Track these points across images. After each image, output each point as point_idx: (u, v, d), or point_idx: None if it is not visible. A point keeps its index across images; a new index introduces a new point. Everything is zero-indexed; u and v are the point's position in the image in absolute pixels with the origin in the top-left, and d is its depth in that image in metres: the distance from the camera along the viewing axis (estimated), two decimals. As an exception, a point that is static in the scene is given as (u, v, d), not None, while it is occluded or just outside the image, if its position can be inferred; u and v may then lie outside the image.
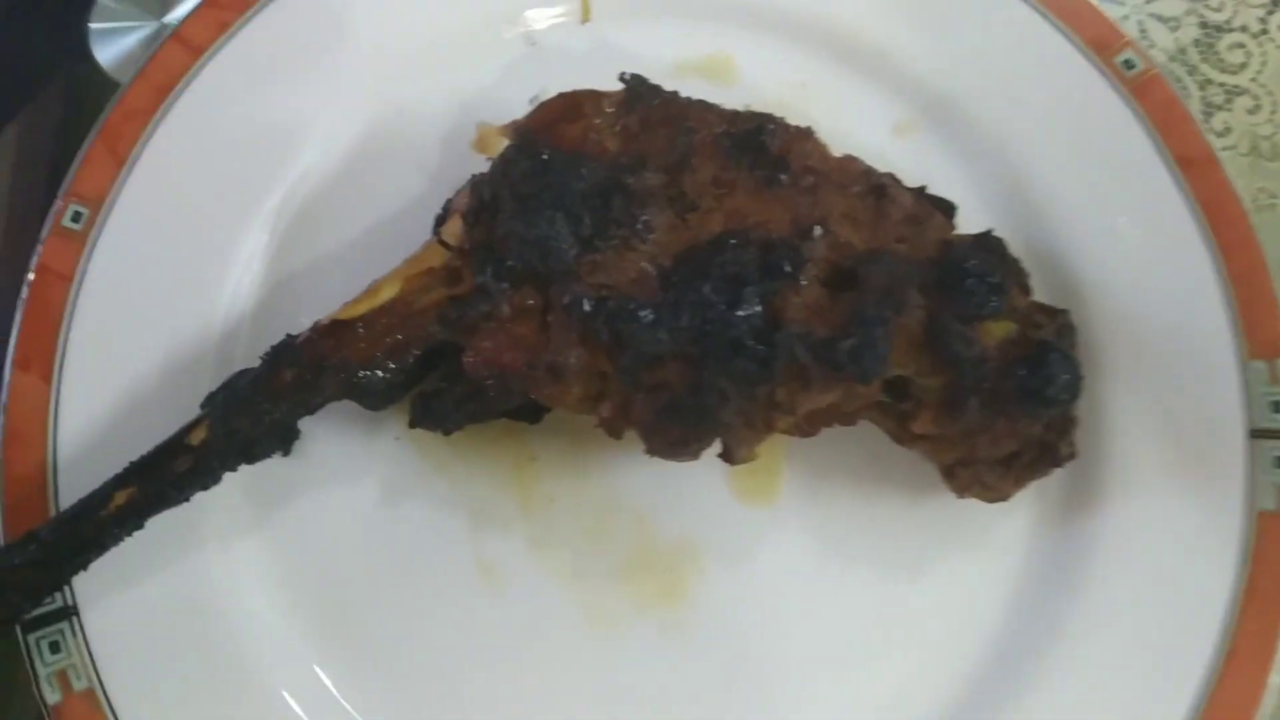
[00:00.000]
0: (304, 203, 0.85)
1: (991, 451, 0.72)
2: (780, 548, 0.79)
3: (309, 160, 0.85)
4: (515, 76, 0.87)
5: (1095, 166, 0.81)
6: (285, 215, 0.85)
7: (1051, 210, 0.82)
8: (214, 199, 0.83)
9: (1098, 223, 0.81)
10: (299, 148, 0.85)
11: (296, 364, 0.73)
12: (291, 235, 0.85)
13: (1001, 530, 0.79)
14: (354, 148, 0.87)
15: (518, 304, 0.71)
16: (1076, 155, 0.82)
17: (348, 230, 0.85)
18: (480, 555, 0.79)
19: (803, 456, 0.81)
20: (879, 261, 0.70)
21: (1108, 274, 0.80)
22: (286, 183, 0.85)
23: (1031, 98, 0.83)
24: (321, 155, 0.86)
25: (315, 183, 0.86)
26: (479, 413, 0.77)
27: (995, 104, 0.84)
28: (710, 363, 0.68)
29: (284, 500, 0.80)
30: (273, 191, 0.84)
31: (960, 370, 0.68)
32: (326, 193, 0.86)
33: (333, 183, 0.86)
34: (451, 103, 0.88)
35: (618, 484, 0.81)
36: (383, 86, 0.87)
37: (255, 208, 0.84)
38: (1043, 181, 0.83)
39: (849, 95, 0.87)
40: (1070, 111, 0.82)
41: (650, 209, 0.72)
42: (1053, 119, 0.83)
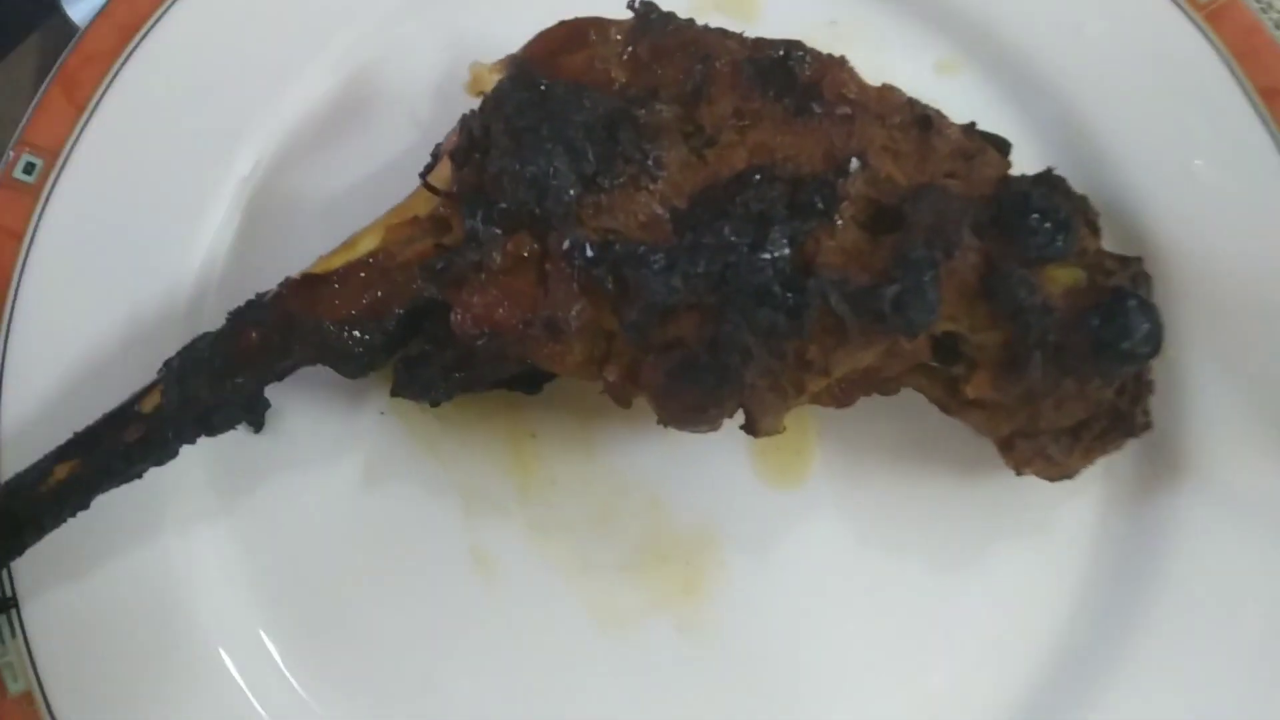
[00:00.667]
0: (282, 155, 0.77)
1: (1057, 420, 0.63)
2: (811, 536, 0.70)
3: (288, 109, 0.78)
4: (516, 15, 0.78)
5: (1166, 103, 0.72)
6: (261, 168, 0.77)
7: (1117, 154, 0.73)
8: (182, 150, 0.75)
9: (1171, 166, 0.71)
10: (277, 95, 0.77)
11: (263, 324, 0.65)
12: (268, 190, 0.77)
13: (1066, 514, 0.69)
14: (339, 95, 0.79)
15: (512, 253, 0.62)
16: (1144, 91, 0.73)
17: (330, 185, 0.77)
18: (474, 543, 0.70)
19: (836, 431, 0.71)
20: (926, 197, 0.61)
21: (1183, 224, 0.70)
22: (262, 133, 0.77)
23: (1091, 28, 0.74)
24: (302, 103, 0.78)
25: (295, 133, 0.78)
26: (469, 381, 0.69)
27: (1049, 37, 0.75)
28: (731, 314, 0.58)
29: (253, 482, 0.71)
30: (247, 143, 0.77)
31: (1022, 321, 0.59)
32: (308, 144, 0.78)
33: (315, 133, 0.78)
34: (445, 45, 0.80)
35: (627, 464, 0.72)
36: (370, 28, 0.80)
37: (228, 160, 0.76)
38: (1106, 122, 0.73)
39: (884, 32, 0.78)
40: (1135, 42, 0.73)
41: (662, 144, 0.63)
42: (1116, 52, 0.74)
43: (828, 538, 0.70)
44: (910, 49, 0.78)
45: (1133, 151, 0.72)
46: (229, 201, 0.76)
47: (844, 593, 0.69)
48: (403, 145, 0.77)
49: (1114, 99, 0.73)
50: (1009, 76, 0.76)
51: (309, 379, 0.72)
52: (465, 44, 0.79)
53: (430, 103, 0.79)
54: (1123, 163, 0.73)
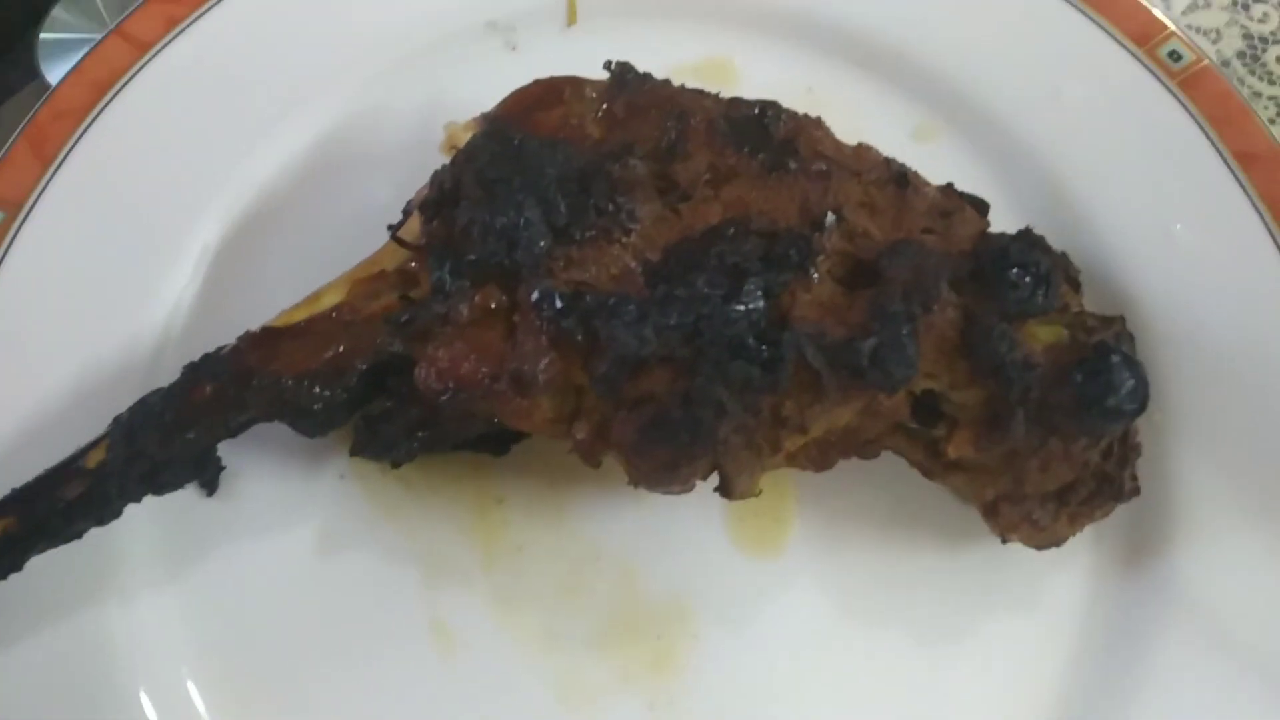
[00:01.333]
0: (250, 214, 0.76)
1: (1042, 483, 0.61)
2: (790, 607, 0.66)
3: (259, 167, 0.77)
4: (494, 82, 0.78)
5: (1144, 168, 0.72)
6: (229, 226, 0.75)
7: (1097, 218, 0.72)
8: (147, 207, 0.73)
9: (1150, 230, 0.71)
10: (247, 153, 0.76)
11: (218, 377, 0.62)
12: (234, 249, 0.75)
13: (1055, 585, 0.66)
14: (312, 155, 0.78)
15: (480, 305, 0.61)
16: (1122, 157, 0.72)
17: (299, 245, 0.76)
18: (434, 615, 0.66)
19: (815, 498, 0.69)
20: (903, 252, 0.59)
21: (1164, 287, 0.69)
22: (231, 192, 0.76)
23: (1068, 93, 0.75)
24: (273, 162, 0.77)
25: (265, 192, 0.77)
26: (433, 441, 0.66)
27: (1027, 103, 0.75)
28: (704, 367, 0.56)
29: (203, 548, 0.67)
30: (215, 201, 0.75)
31: (1003, 377, 0.57)
32: (277, 203, 0.77)
33: (285, 193, 0.77)
34: (423, 110, 0.79)
35: (598, 531, 0.68)
36: (348, 90, 0.79)
37: (194, 219, 0.75)
38: (1085, 187, 0.73)
39: (861, 98, 0.78)
40: (1112, 109, 0.74)
41: (635, 197, 0.62)
42: (1092, 118, 0.74)
43: (807, 610, 0.66)
44: (887, 115, 0.78)
45: (1112, 216, 0.72)
46: (193, 259, 0.74)
47: (825, 668, 0.65)
48: (375, 205, 0.75)
49: (1092, 164, 0.73)
50: (987, 142, 0.76)
51: (267, 439, 0.70)
52: (439, 105, 0.79)
53: (404, 163, 0.77)
54: (1102, 227, 0.72)
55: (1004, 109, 0.75)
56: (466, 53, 0.81)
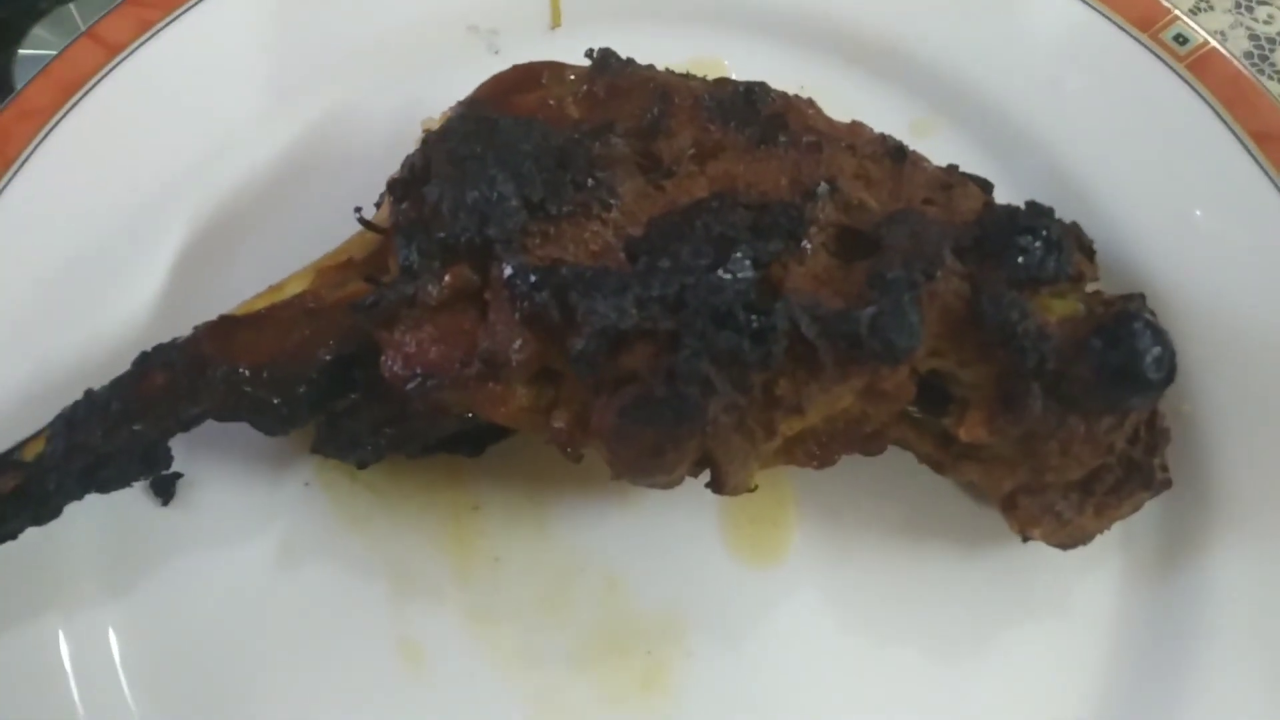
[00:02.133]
0: (222, 216, 0.73)
1: (1064, 470, 0.55)
2: (792, 620, 0.61)
3: (232, 170, 0.74)
4: (475, 85, 0.76)
5: (1156, 154, 0.68)
6: (198, 228, 0.72)
7: (1109, 207, 0.68)
8: (113, 208, 0.70)
9: (1168, 217, 0.67)
10: (219, 156, 0.73)
11: (171, 366, 0.58)
12: (206, 250, 0.71)
13: (1083, 591, 0.61)
14: (288, 158, 0.75)
15: (450, 286, 0.57)
16: (1131, 144, 0.69)
17: (273, 247, 0.71)
18: (403, 632, 0.61)
19: (818, 501, 0.64)
20: (902, 221, 0.56)
21: (1186, 274, 0.65)
22: (203, 192, 0.72)
23: (1070, 85, 0.71)
24: (247, 165, 0.74)
25: (238, 194, 0.73)
26: (401, 440, 0.61)
27: (1027, 94, 0.72)
28: (689, 339, 0.52)
29: (156, 560, 0.62)
30: (184, 201, 0.72)
31: (1016, 348, 0.52)
32: (251, 206, 0.73)
33: (259, 195, 0.74)
34: (402, 113, 0.76)
35: (582, 540, 0.63)
36: (326, 94, 0.77)
37: (162, 219, 0.71)
38: (1095, 177, 0.69)
39: (857, 94, 0.75)
40: (1118, 97, 0.70)
41: (616, 174, 0.58)
42: (1098, 106, 0.71)
43: (811, 623, 0.61)
44: (884, 110, 0.74)
45: (1125, 204, 0.68)
46: (159, 261, 0.70)
47: (831, 686, 0.59)
48: (351, 206, 0.72)
49: (1101, 153, 0.70)
50: (988, 134, 0.73)
51: (227, 446, 0.65)
52: (419, 108, 0.75)
53: (382, 165, 0.73)
54: (1116, 215, 0.68)
55: (1004, 100, 0.72)
56: (448, 56, 0.78)
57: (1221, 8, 0.86)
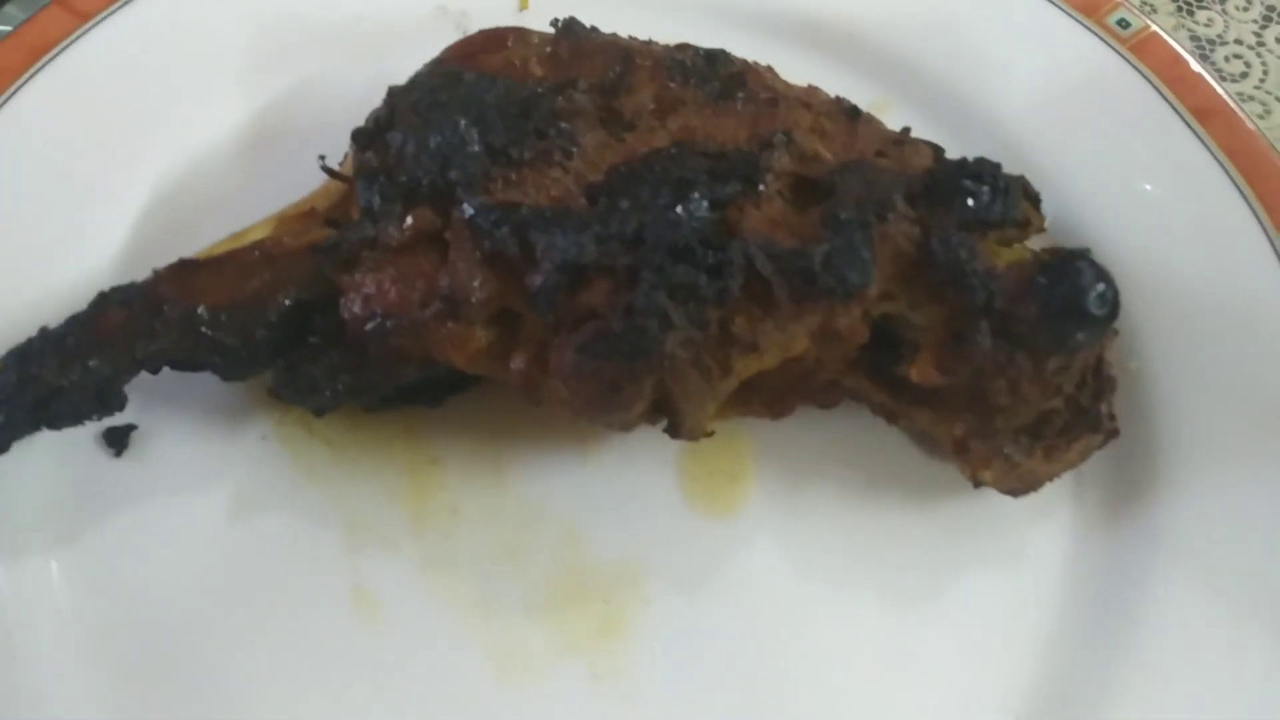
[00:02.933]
0: (186, 184, 0.73)
1: (1012, 412, 0.56)
2: (749, 569, 0.61)
3: (197, 140, 0.74)
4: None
5: (1103, 133, 0.71)
6: (161, 195, 0.72)
7: (1060, 183, 0.70)
8: (74, 173, 0.70)
9: (1117, 191, 0.69)
10: (186, 126, 0.74)
11: (129, 304, 0.58)
12: (168, 218, 0.71)
13: (1035, 539, 0.61)
14: (254, 126, 0.75)
15: (411, 229, 0.57)
16: (1080, 122, 0.71)
17: (236, 215, 0.72)
18: (357, 580, 0.60)
19: (775, 454, 0.64)
20: (855, 170, 0.57)
21: (1133, 240, 0.67)
22: (167, 161, 0.73)
23: (1019, 66, 0.74)
24: (212, 135, 0.74)
25: (202, 164, 0.74)
26: (360, 386, 0.61)
27: (978, 75, 0.74)
28: (647, 274, 0.53)
29: (106, 510, 0.61)
30: (147, 170, 0.72)
31: (965, 286, 0.54)
32: (215, 175, 0.73)
33: (224, 165, 0.74)
34: (370, 89, 0.77)
35: (541, 492, 0.63)
36: (294, 69, 0.78)
37: (125, 185, 0.71)
38: (1044, 152, 0.72)
39: (813, 76, 0.76)
40: (1065, 77, 0.73)
41: (578, 126, 0.60)
42: (1047, 86, 0.73)
43: (768, 571, 0.61)
44: (841, 91, 0.76)
45: (1075, 179, 0.70)
46: (123, 221, 0.70)
47: (788, 633, 0.59)
48: (313, 172, 0.73)
49: (1050, 131, 0.72)
50: (941, 114, 0.75)
51: (185, 399, 0.65)
52: (386, 83, 0.77)
53: (345, 134, 0.75)
54: (1067, 190, 0.70)
55: (955, 81, 0.75)
56: (416, 35, 0.79)
57: (1164, 10, 0.90)
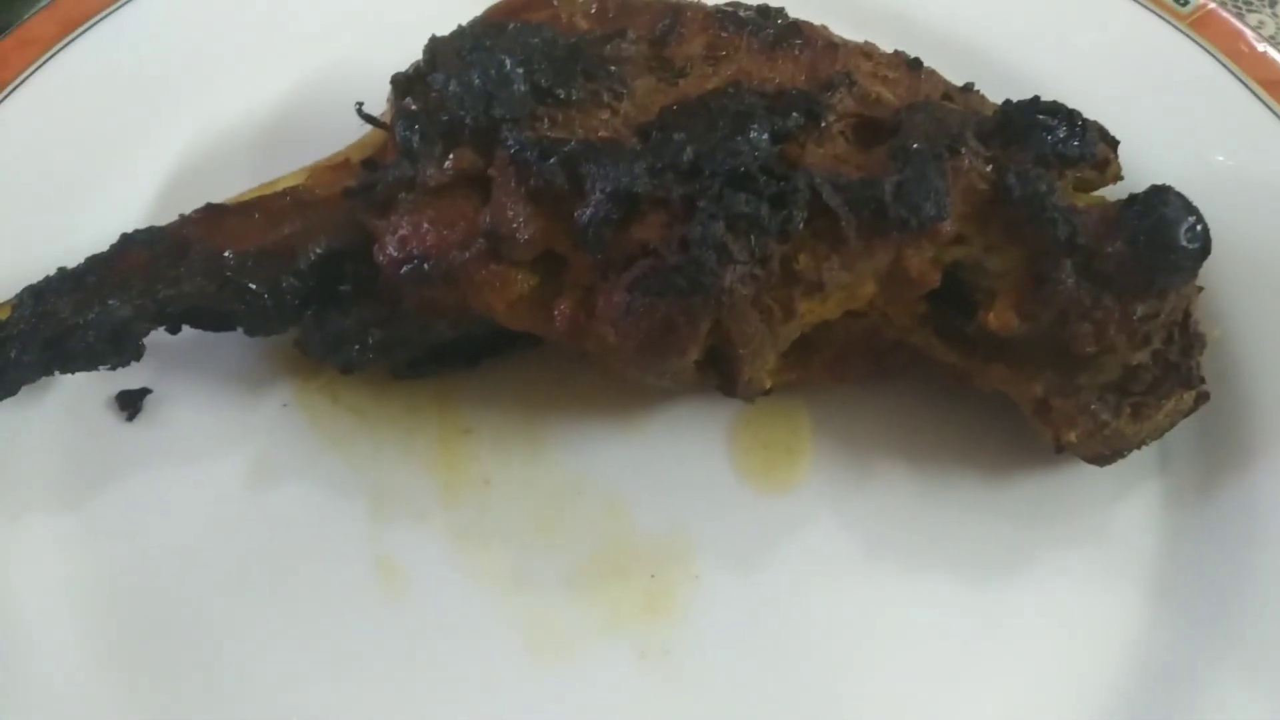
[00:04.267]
0: (215, 156, 0.70)
1: (1098, 366, 0.52)
2: (807, 546, 0.56)
3: (229, 112, 0.72)
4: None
5: (1171, 107, 0.68)
6: (187, 165, 0.69)
7: (1131, 160, 0.64)
8: (98, 143, 0.68)
9: (1190, 164, 0.65)
10: (217, 100, 0.72)
11: (153, 245, 0.55)
12: (194, 189, 0.68)
13: (1119, 515, 0.56)
14: (284, 100, 0.73)
15: (454, 169, 0.54)
16: (1145, 99, 0.68)
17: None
18: (382, 551, 0.56)
19: (835, 424, 0.60)
20: (922, 109, 0.54)
21: (1211, 212, 0.63)
22: (193, 132, 0.70)
23: (1078, 41, 0.71)
24: (244, 107, 0.72)
25: (232, 136, 0.71)
26: (391, 344, 0.57)
27: (1038, 51, 0.72)
28: (704, 203, 0.49)
29: (115, 476, 0.58)
30: (173, 140, 0.70)
31: (1047, 221, 0.50)
32: (246, 146, 0.71)
33: (255, 136, 0.72)
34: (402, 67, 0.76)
35: (581, 463, 0.59)
36: (324, 47, 0.75)
37: (149, 155, 0.69)
38: (1110, 127, 0.68)
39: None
40: (1127, 55, 0.70)
41: (627, 69, 0.57)
42: (1109, 65, 0.70)
43: (827, 549, 0.56)
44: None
45: (1144, 154, 0.66)
46: (149, 189, 0.68)
47: (850, 615, 0.54)
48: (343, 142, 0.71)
49: (1116, 104, 0.67)
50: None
51: (203, 361, 0.61)
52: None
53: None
54: (1137, 169, 0.66)
55: (1015, 63, 0.72)
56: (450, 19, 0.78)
57: (1214, 14, 0.88)
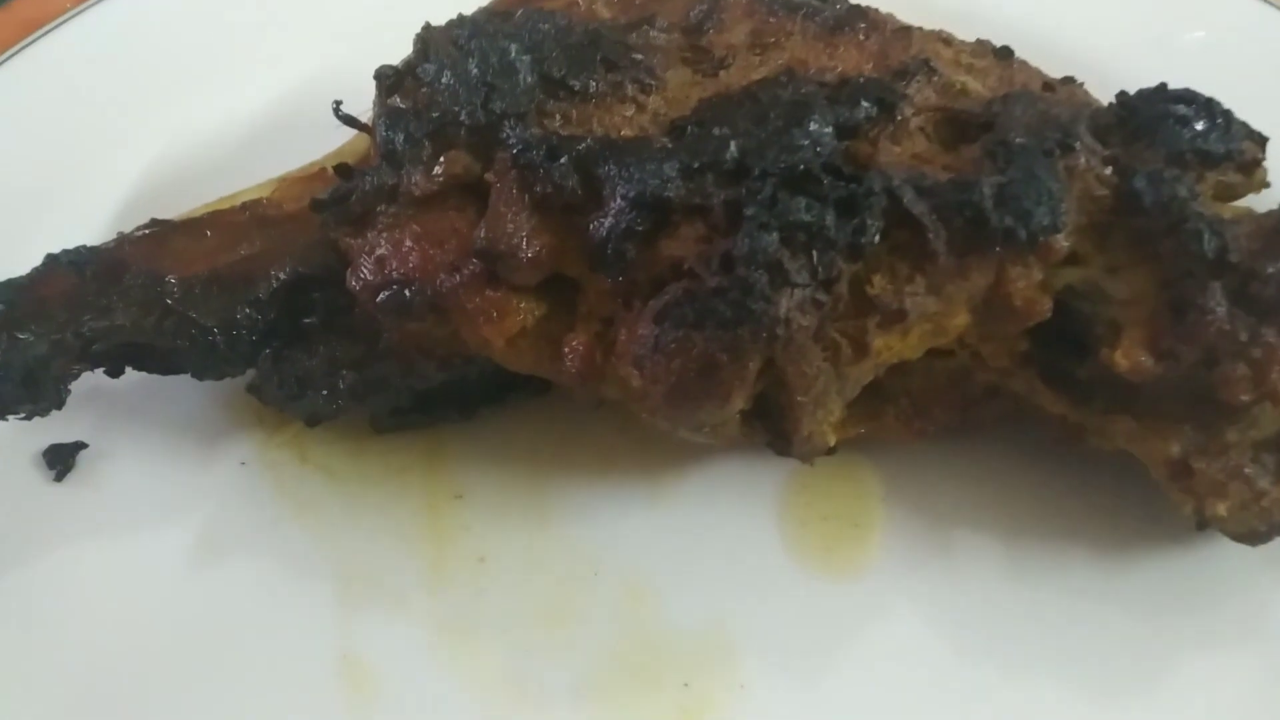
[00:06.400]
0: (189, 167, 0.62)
1: (1253, 419, 0.41)
2: (878, 645, 0.45)
3: (211, 117, 0.64)
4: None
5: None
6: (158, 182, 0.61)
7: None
8: (64, 151, 0.61)
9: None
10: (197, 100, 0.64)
11: (82, 268, 0.45)
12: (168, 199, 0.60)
13: (1276, 608, 0.44)
14: (273, 108, 0.65)
15: (445, 175, 0.44)
16: (1261, 92, 0.58)
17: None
18: (348, 647, 0.45)
19: (909, 491, 0.49)
20: (1020, 100, 0.44)
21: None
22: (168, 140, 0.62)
23: (1181, 39, 0.62)
24: (227, 114, 0.64)
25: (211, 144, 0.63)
26: (367, 388, 0.47)
27: (1139, 51, 0.62)
28: (754, 209, 0.39)
29: (43, 545, 0.49)
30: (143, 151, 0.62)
31: (1190, 234, 0.39)
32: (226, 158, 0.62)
33: (236, 147, 0.63)
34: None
35: (597, 538, 0.48)
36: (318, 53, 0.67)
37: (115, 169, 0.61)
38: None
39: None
40: (1235, 46, 0.62)
41: (658, 59, 0.47)
42: (1216, 58, 0.61)
43: (906, 649, 0.45)
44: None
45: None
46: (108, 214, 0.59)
47: (938, 734, 0.42)
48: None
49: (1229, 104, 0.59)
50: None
51: (149, 412, 0.52)
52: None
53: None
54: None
55: (1111, 61, 0.62)
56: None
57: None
